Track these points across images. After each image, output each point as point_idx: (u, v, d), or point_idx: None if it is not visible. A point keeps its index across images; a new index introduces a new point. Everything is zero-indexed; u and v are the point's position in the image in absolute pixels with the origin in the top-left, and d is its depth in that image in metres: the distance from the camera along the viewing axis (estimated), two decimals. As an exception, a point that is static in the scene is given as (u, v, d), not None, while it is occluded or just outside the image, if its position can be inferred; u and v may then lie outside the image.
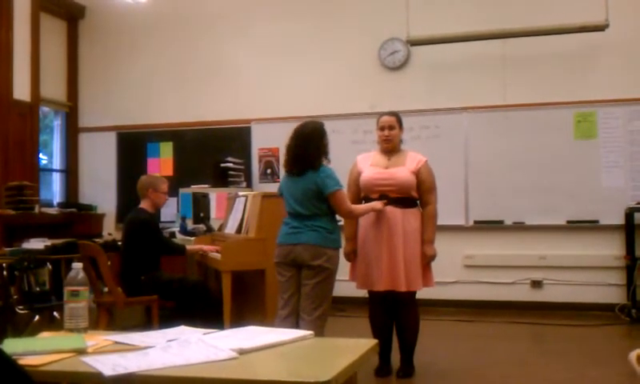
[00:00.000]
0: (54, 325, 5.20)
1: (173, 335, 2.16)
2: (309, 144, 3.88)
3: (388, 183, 4.13)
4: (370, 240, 4.14)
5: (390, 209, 4.08)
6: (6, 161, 6.90)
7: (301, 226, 3.84)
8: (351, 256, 4.27)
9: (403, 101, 6.83)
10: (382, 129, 4.26)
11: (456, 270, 6.89)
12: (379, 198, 4.11)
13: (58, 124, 8.30)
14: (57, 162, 8.27)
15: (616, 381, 4.11)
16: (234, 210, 5.35)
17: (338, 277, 3.92)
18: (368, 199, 4.18)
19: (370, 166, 4.26)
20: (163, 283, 4.88)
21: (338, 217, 3.98)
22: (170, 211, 7.12)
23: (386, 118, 4.27)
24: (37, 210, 6.84)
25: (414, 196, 4.18)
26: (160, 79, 8.01)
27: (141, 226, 4.97)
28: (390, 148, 4.26)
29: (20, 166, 7.04)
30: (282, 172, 7.01)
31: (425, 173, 4.18)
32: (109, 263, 4.85)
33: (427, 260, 4.15)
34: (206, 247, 5.22)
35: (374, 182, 4.17)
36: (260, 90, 7.59)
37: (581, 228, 6.64)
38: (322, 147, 3.91)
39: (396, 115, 4.31)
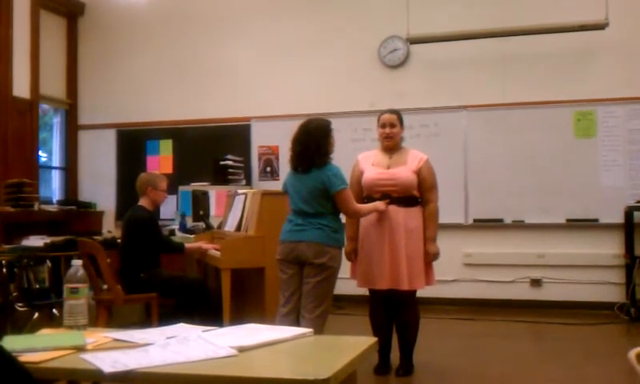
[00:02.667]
0: (54, 322, 5.20)
1: (172, 333, 2.17)
2: (311, 140, 3.86)
3: (390, 183, 4.12)
4: (371, 239, 4.13)
5: (392, 208, 4.07)
6: (6, 158, 6.89)
7: (305, 224, 3.83)
8: (352, 256, 4.27)
9: (403, 99, 6.83)
10: (383, 126, 4.26)
11: (455, 269, 6.89)
12: (381, 198, 4.11)
13: (57, 121, 8.29)
14: (56, 160, 8.27)
15: (615, 379, 4.11)
16: (234, 208, 5.34)
17: (337, 275, 3.92)
18: (370, 198, 4.17)
19: (372, 165, 4.25)
20: (163, 281, 4.87)
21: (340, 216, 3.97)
22: (169, 209, 7.11)
23: (387, 116, 4.27)
24: (36, 207, 6.84)
25: (416, 195, 4.18)
26: (160, 76, 8.00)
27: (140, 224, 4.96)
28: (391, 146, 4.25)
29: (19, 163, 7.04)
30: (283, 169, 7.08)
31: (425, 171, 4.18)
32: (108, 260, 4.84)
33: (430, 258, 4.15)
34: (205, 245, 5.21)
35: (376, 183, 4.16)
36: (260, 87, 7.58)
37: (580, 226, 6.65)
38: (327, 145, 3.89)
39: (397, 113, 4.31)
